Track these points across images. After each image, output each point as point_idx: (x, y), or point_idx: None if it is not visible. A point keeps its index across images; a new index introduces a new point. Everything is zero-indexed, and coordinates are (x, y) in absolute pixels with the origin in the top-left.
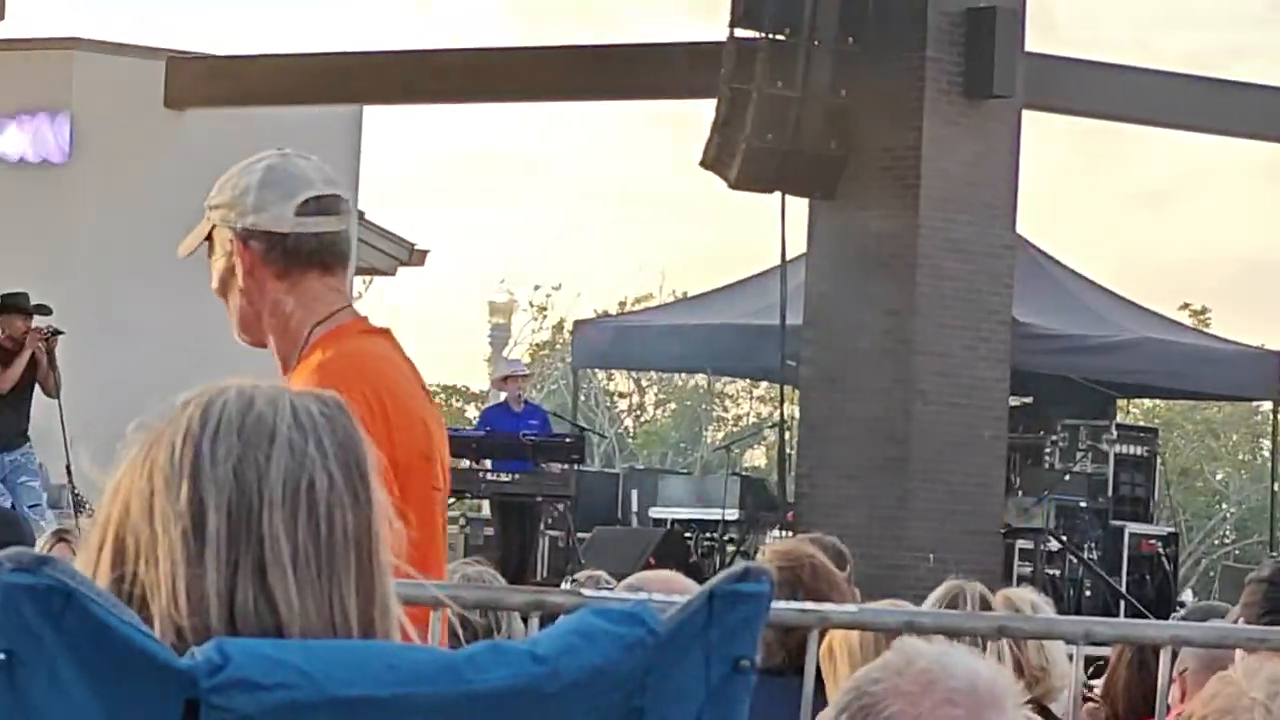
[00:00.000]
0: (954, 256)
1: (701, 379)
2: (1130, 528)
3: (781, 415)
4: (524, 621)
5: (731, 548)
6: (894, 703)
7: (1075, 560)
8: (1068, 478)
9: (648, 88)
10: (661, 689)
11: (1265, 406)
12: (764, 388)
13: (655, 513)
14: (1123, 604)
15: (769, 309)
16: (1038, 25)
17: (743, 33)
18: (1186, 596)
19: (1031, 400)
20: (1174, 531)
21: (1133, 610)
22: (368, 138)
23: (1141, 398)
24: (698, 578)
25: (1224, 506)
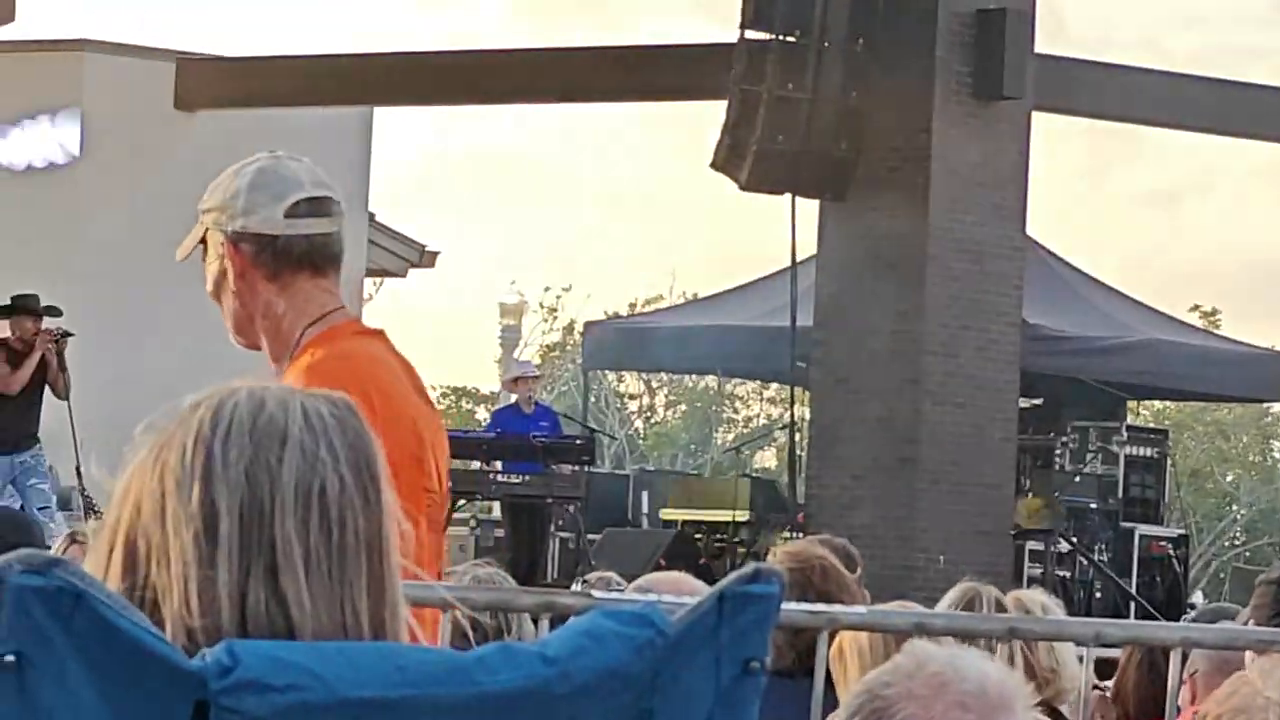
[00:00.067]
0: (964, 258)
1: (712, 380)
2: (1140, 529)
3: (792, 417)
4: (534, 623)
5: (742, 549)
6: (906, 706)
7: (1085, 562)
8: (1078, 479)
9: (658, 89)
10: (671, 690)
11: (1276, 408)
12: (774, 389)
13: (665, 514)
14: (1133, 606)
15: (779, 310)
16: (1047, 26)
17: (753, 34)
18: (1197, 598)
19: (1041, 402)
20: (1184, 533)
21: (1143, 612)
22: (378, 139)
23: (1152, 399)
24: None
25: (1234, 508)
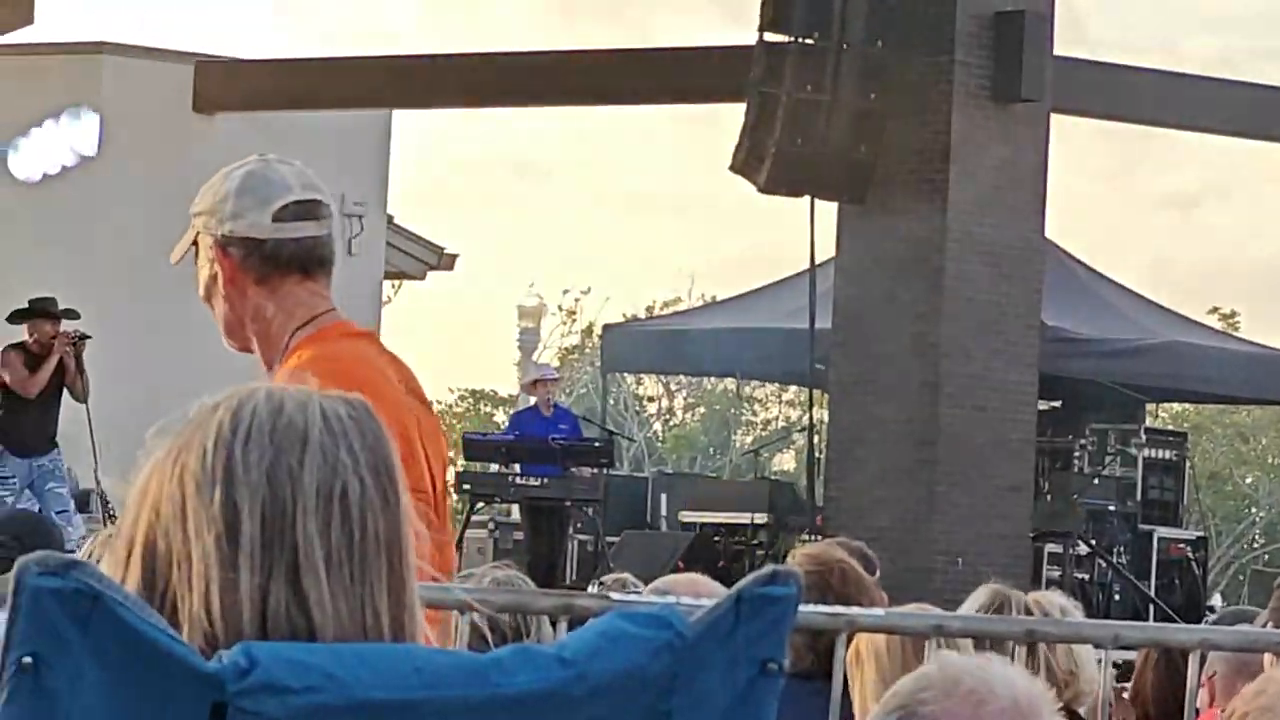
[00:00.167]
0: (982, 260)
1: (730, 383)
2: (1159, 532)
3: (810, 419)
4: (553, 625)
5: (761, 552)
6: None
7: (1104, 564)
8: (1096, 482)
9: (678, 91)
10: (689, 691)
11: None
12: (793, 391)
13: (684, 517)
14: (1151, 608)
15: (798, 313)
16: (1066, 29)
17: (772, 37)
18: (1216, 601)
19: (1060, 404)
20: (1203, 536)
21: (1161, 614)
22: (397, 142)
23: (1170, 401)
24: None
25: (1254, 510)
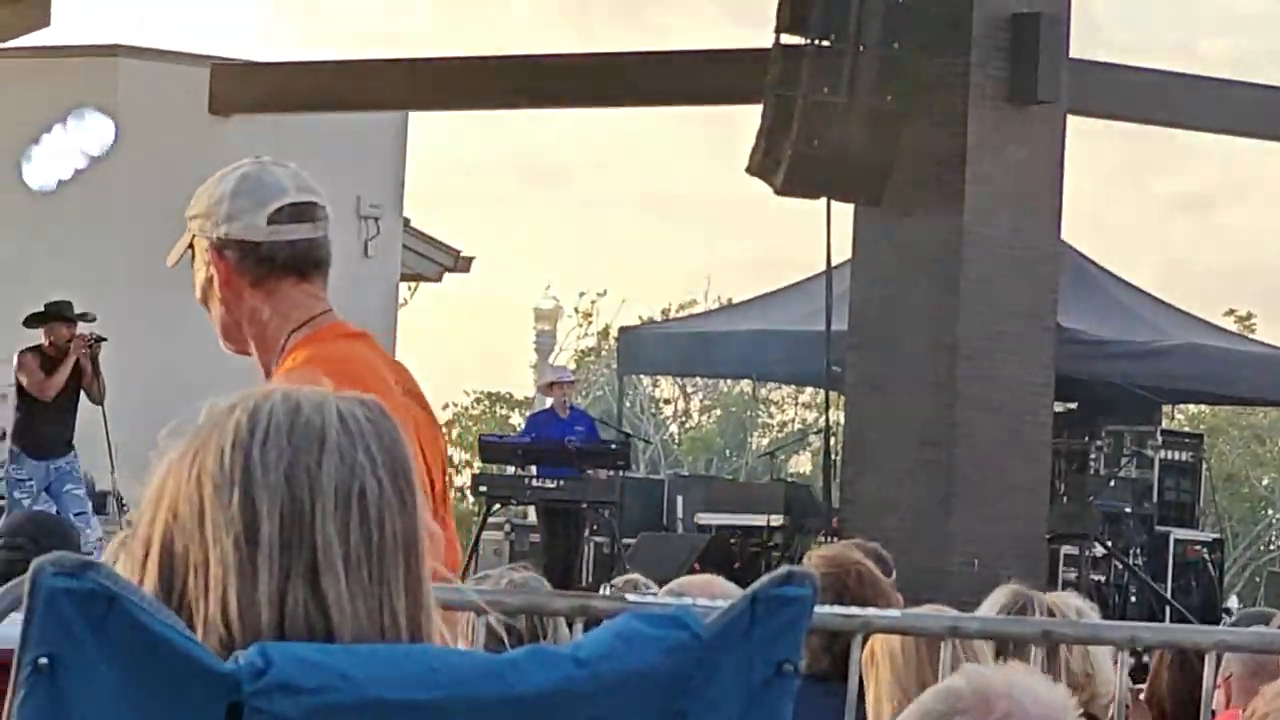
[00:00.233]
0: (999, 262)
1: (746, 385)
2: (1175, 533)
3: (826, 421)
4: (569, 626)
5: (777, 554)
6: None
7: (1120, 566)
8: (1113, 483)
9: (694, 94)
10: (704, 692)
11: None
12: (809, 393)
13: (700, 519)
14: (1168, 610)
15: (814, 315)
16: (1082, 30)
17: (789, 39)
18: (1232, 602)
19: (1076, 406)
20: (1219, 537)
21: (1177, 616)
22: (413, 144)
23: (1186, 403)
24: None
25: (1270, 512)
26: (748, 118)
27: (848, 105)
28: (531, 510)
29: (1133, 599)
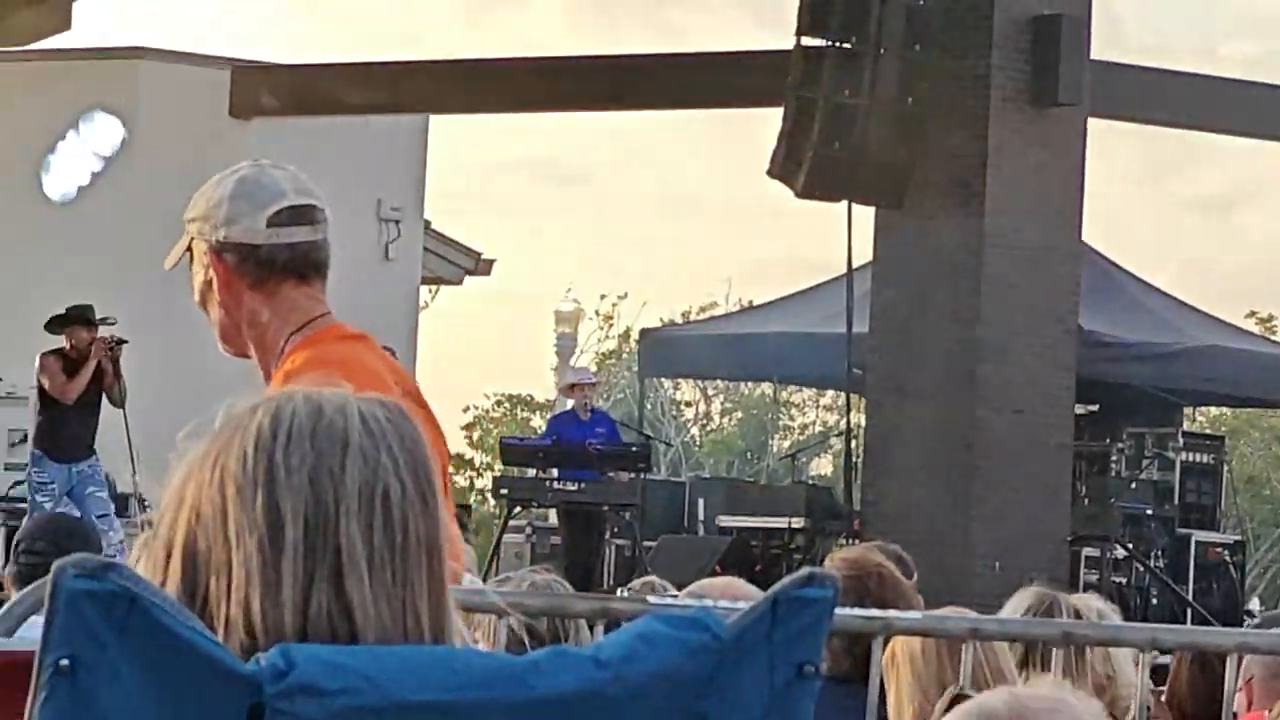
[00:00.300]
0: (1020, 264)
1: (767, 388)
2: (1197, 535)
3: (848, 424)
4: (590, 628)
5: (798, 556)
6: None
7: (1141, 568)
8: (1134, 485)
9: (714, 96)
10: (725, 694)
11: None
12: (830, 396)
13: (722, 521)
14: (1189, 612)
15: (835, 317)
16: (1103, 33)
17: (809, 41)
18: (1254, 605)
19: (1097, 408)
20: (1240, 539)
21: (1199, 618)
22: (434, 147)
23: (1208, 405)
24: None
25: None
26: (769, 120)
27: (869, 107)
28: (552, 513)
29: (1154, 601)
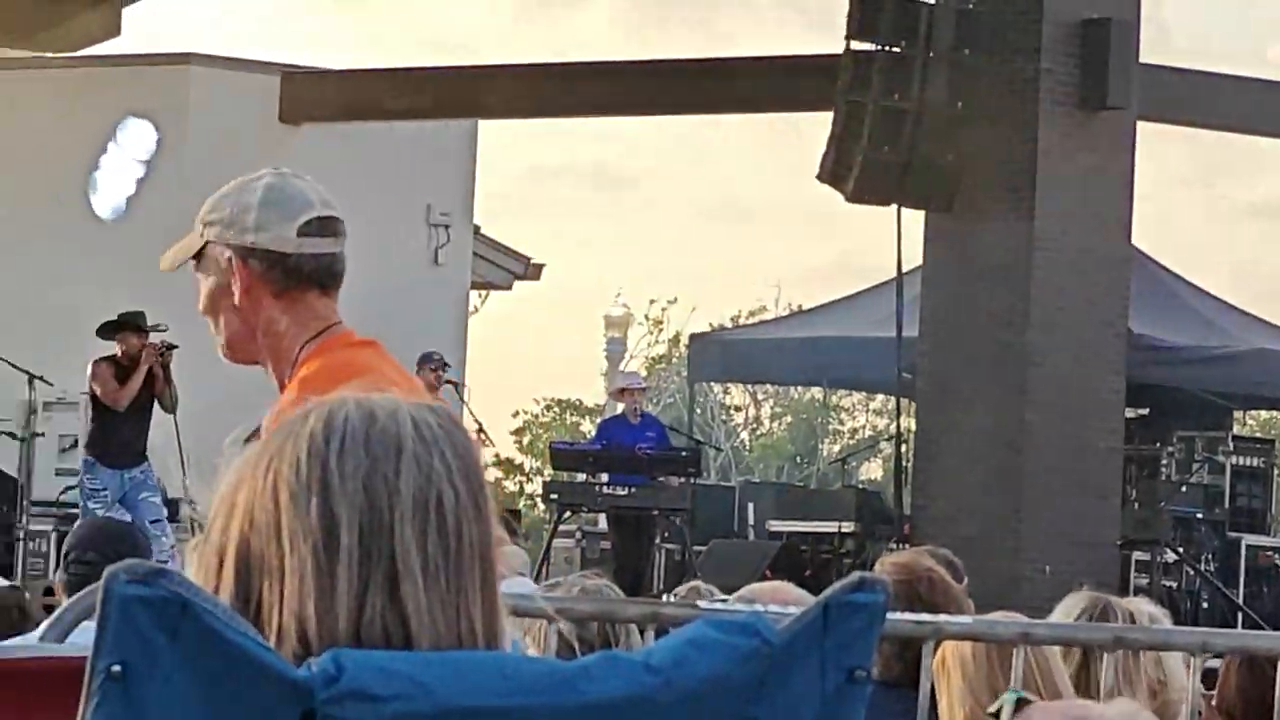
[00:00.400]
0: (1069, 268)
1: (817, 392)
2: (1247, 539)
3: (898, 428)
4: (640, 633)
5: (848, 561)
6: None
7: (1192, 572)
8: (1184, 489)
9: (764, 101)
10: (776, 699)
11: None
12: (880, 400)
13: (772, 526)
14: (1240, 615)
15: (885, 321)
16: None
17: (859, 45)
18: None
19: (1147, 411)
20: None
21: (1249, 622)
22: (483, 152)
23: (1258, 409)
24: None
25: None
26: (818, 124)
27: (918, 111)
28: (602, 517)
29: (1204, 605)
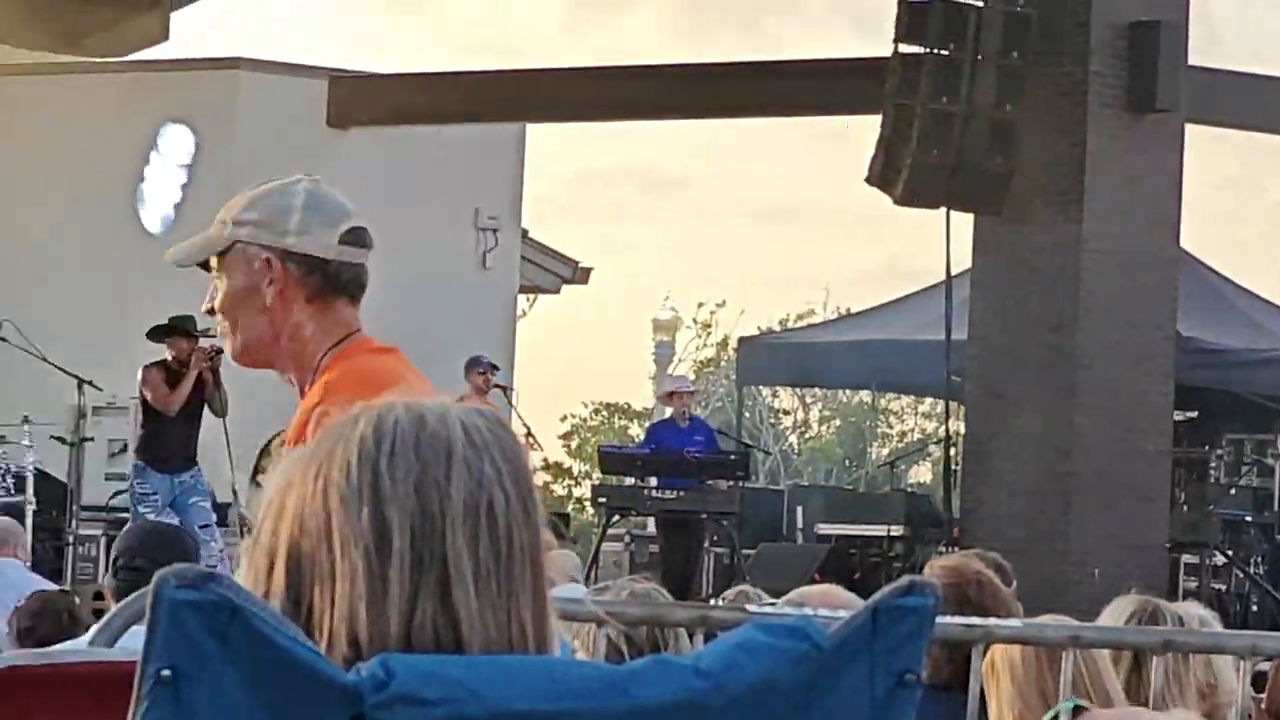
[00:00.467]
0: (1118, 270)
1: (866, 395)
2: None
3: (947, 431)
4: (689, 637)
5: (897, 564)
6: None
7: (1241, 574)
8: (1233, 491)
9: (812, 104)
10: (825, 703)
11: None
12: (929, 403)
13: (820, 529)
14: None
15: (933, 324)
16: (1201, 38)
17: (907, 48)
18: None
19: (1196, 414)
20: None
21: None
22: (531, 155)
23: None
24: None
25: None
26: (867, 128)
27: (967, 114)
28: (651, 521)
29: (1254, 608)
